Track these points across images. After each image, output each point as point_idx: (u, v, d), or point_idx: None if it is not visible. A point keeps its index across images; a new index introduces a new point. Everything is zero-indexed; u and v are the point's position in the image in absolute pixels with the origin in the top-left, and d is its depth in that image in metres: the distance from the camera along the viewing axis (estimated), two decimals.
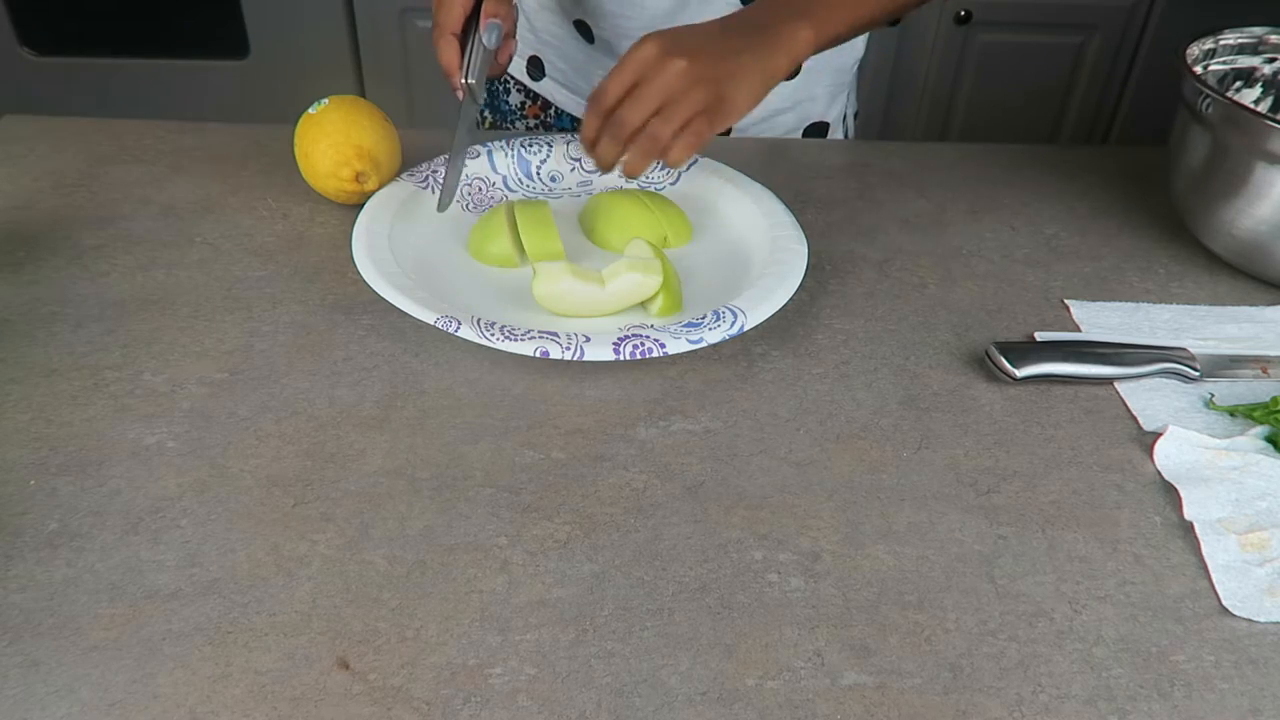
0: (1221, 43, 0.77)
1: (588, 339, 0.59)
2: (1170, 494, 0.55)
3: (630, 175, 0.64)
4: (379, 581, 0.48)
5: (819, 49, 0.67)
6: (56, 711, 0.42)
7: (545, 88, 0.96)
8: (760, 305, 0.62)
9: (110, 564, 0.48)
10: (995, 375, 0.62)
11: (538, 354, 0.58)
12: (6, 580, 0.47)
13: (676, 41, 0.63)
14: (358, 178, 0.71)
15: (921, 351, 0.65)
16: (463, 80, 0.68)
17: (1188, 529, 0.53)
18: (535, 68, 0.95)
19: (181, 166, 0.80)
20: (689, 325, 0.60)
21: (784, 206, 0.72)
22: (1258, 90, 0.79)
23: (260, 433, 0.56)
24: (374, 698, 0.43)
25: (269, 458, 0.54)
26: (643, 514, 0.52)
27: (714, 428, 0.58)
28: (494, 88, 1.01)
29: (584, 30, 0.88)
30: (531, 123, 0.99)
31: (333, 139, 0.71)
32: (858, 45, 0.93)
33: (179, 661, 0.44)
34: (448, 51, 0.68)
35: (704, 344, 0.59)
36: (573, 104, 0.95)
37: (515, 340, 0.58)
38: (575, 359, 0.58)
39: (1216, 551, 0.51)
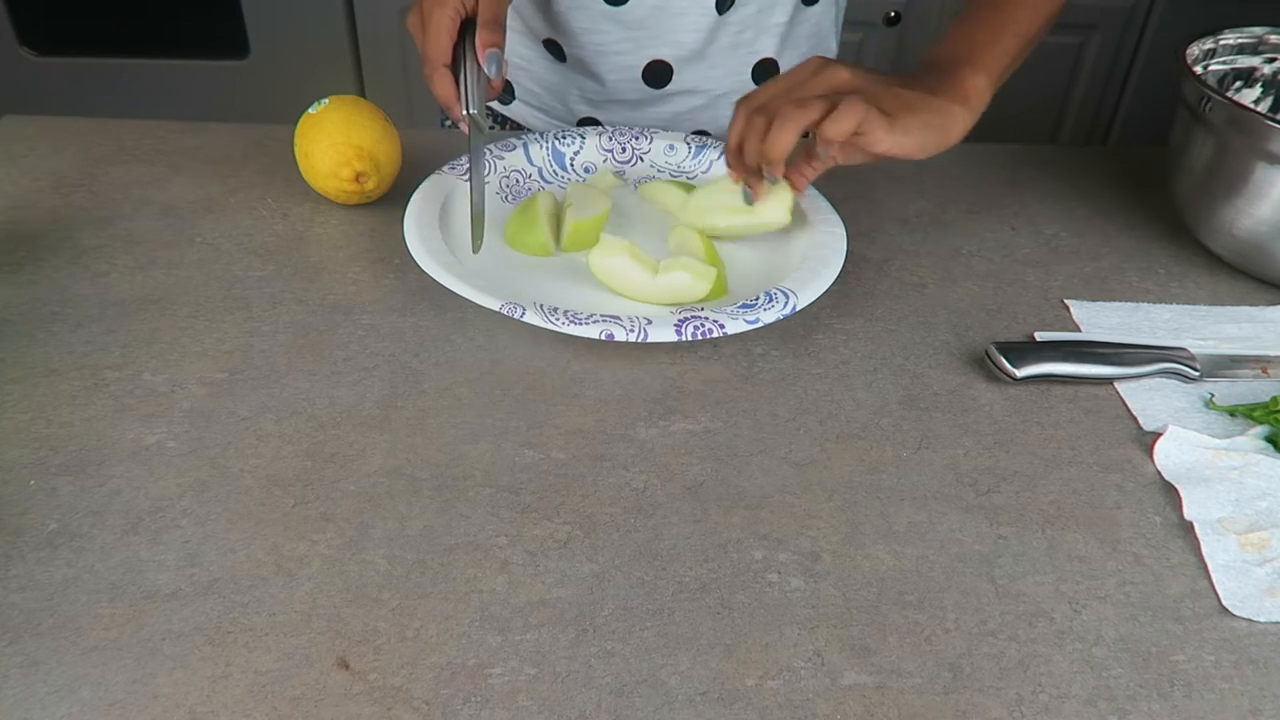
0: (1221, 43, 0.77)
1: (650, 321, 0.60)
2: (1170, 494, 0.55)
3: (770, 160, 0.61)
4: (379, 581, 0.48)
5: (994, 90, 0.65)
6: (56, 711, 0.42)
7: (516, 111, 0.94)
8: (809, 286, 0.64)
9: (110, 564, 0.48)
10: (995, 375, 0.62)
11: (603, 336, 0.59)
12: (6, 580, 0.47)
13: (846, 62, 0.62)
14: (358, 178, 0.71)
15: (921, 351, 0.65)
16: (465, 112, 0.67)
17: (1188, 529, 0.53)
18: (505, 91, 0.93)
19: (181, 166, 0.80)
20: (744, 306, 0.62)
21: (817, 191, 0.73)
22: (1258, 90, 0.79)
23: (260, 433, 0.56)
24: (374, 698, 0.43)
25: (269, 458, 0.54)
26: (643, 514, 0.52)
27: (714, 428, 0.58)
28: None
29: (555, 50, 0.86)
30: None
31: (333, 139, 0.71)
32: (831, 43, 0.93)
33: (179, 661, 0.44)
34: (443, 85, 0.66)
35: (760, 324, 0.61)
36: (546, 126, 0.93)
37: (580, 324, 0.59)
38: (639, 340, 0.59)
39: (1216, 551, 0.51)
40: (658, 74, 0.85)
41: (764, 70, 0.87)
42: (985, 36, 0.66)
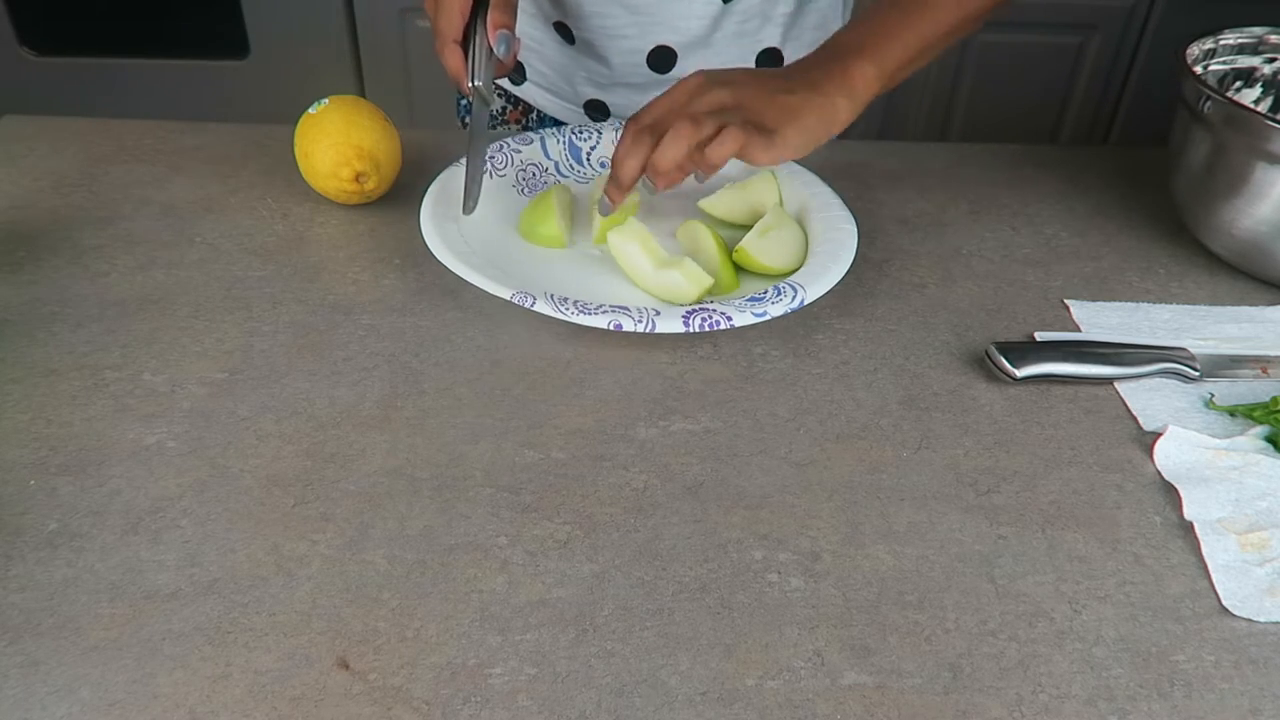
0: (1221, 43, 0.77)
1: (658, 312, 0.61)
2: (1170, 494, 0.55)
3: (659, 171, 0.62)
4: (379, 581, 0.48)
5: (885, 86, 0.66)
6: (56, 711, 0.42)
7: (527, 92, 0.95)
8: (818, 280, 0.64)
9: (110, 564, 0.48)
10: (995, 375, 0.62)
11: (611, 327, 0.60)
12: (6, 580, 0.47)
13: (725, 74, 0.64)
14: (358, 178, 0.71)
15: (921, 351, 0.65)
16: (471, 84, 0.68)
17: (1188, 529, 0.53)
18: (516, 71, 0.94)
19: (181, 166, 0.80)
20: (752, 300, 0.62)
21: (830, 188, 0.74)
22: (1258, 90, 0.79)
23: (260, 433, 0.56)
24: (374, 698, 0.43)
25: (269, 458, 0.54)
26: (643, 514, 0.52)
27: (714, 428, 0.58)
28: None
29: (564, 32, 0.87)
30: (513, 128, 0.98)
31: (333, 139, 0.71)
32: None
33: (179, 661, 0.44)
34: (452, 58, 0.68)
35: (768, 317, 0.61)
36: (555, 107, 0.94)
37: (589, 314, 0.60)
38: (647, 331, 0.60)
39: (1216, 551, 0.51)
40: (662, 59, 0.86)
41: (768, 60, 0.87)
42: (884, 31, 0.67)
